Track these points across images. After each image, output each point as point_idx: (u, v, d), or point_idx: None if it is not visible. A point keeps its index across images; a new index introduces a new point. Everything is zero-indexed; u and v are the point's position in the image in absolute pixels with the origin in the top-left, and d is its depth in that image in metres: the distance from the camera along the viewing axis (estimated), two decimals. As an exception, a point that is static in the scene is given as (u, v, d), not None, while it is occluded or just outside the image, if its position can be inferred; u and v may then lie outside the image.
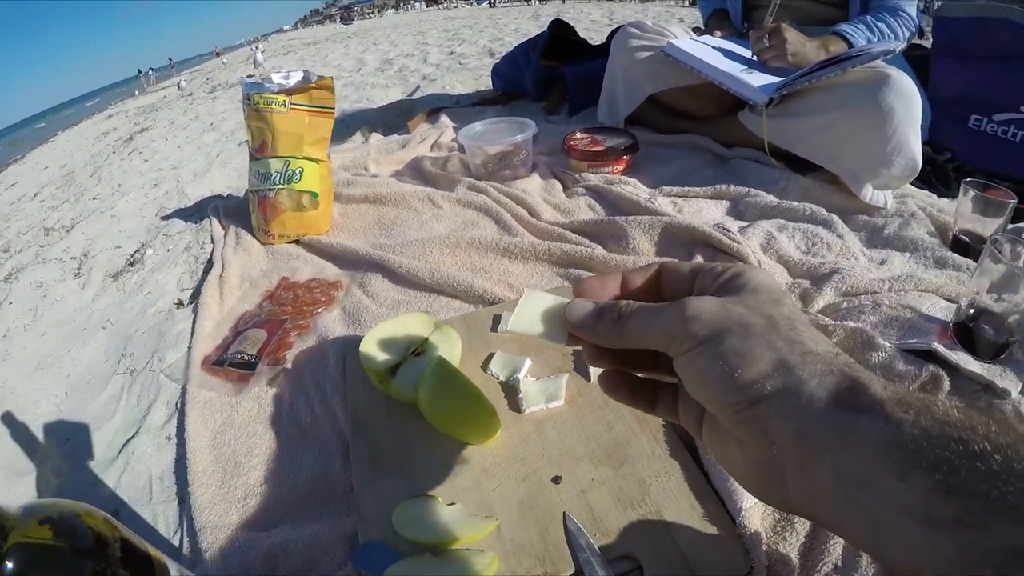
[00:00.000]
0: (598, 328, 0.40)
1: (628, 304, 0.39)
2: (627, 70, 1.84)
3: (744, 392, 0.32)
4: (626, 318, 0.38)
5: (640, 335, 0.38)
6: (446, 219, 1.53)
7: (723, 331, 0.34)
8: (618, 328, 0.39)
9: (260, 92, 1.49)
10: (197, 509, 0.85)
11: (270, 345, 1.11)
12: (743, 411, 0.33)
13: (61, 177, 3.65)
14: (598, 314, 0.40)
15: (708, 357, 0.34)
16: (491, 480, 0.78)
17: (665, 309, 0.37)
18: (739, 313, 0.35)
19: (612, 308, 0.40)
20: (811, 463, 0.30)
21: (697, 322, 0.34)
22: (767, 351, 0.33)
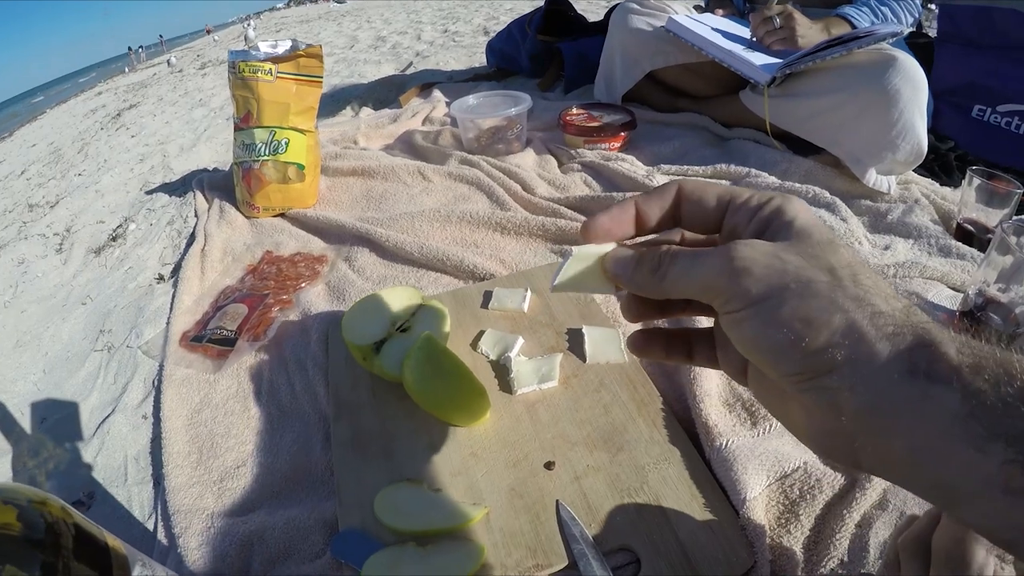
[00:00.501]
0: (637, 278, 0.36)
1: (666, 251, 0.34)
2: (626, 46, 1.80)
3: (810, 362, 0.29)
4: (665, 266, 0.34)
5: (681, 285, 0.33)
6: (437, 193, 1.50)
7: (781, 289, 0.29)
8: (658, 276, 0.34)
9: (246, 60, 1.45)
10: (171, 492, 0.82)
11: (250, 320, 1.08)
12: (808, 381, 0.29)
13: (49, 154, 3.61)
14: (636, 262, 0.36)
15: (764, 321, 0.30)
16: (480, 465, 0.74)
17: (708, 257, 0.32)
18: (797, 266, 0.30)
19: (651, 256, 0.35)
20: (883, 434, 0.28)
21: (748, 276, 0.30)
22: (835, 314, 0.29)
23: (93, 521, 0.73)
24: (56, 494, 0.87)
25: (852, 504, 0.66)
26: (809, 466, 0.70)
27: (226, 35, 10.32)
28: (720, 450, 0.71)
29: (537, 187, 1.44)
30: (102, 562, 0.45)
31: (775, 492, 0.69)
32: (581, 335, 0.91)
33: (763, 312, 0.30)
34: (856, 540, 0.64)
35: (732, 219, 0.35)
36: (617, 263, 0.37)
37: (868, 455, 0.29)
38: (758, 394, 0.36)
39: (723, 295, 0.31)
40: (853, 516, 0.65)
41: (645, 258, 0.35)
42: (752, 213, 0.34)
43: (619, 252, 0.37)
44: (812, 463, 0.70)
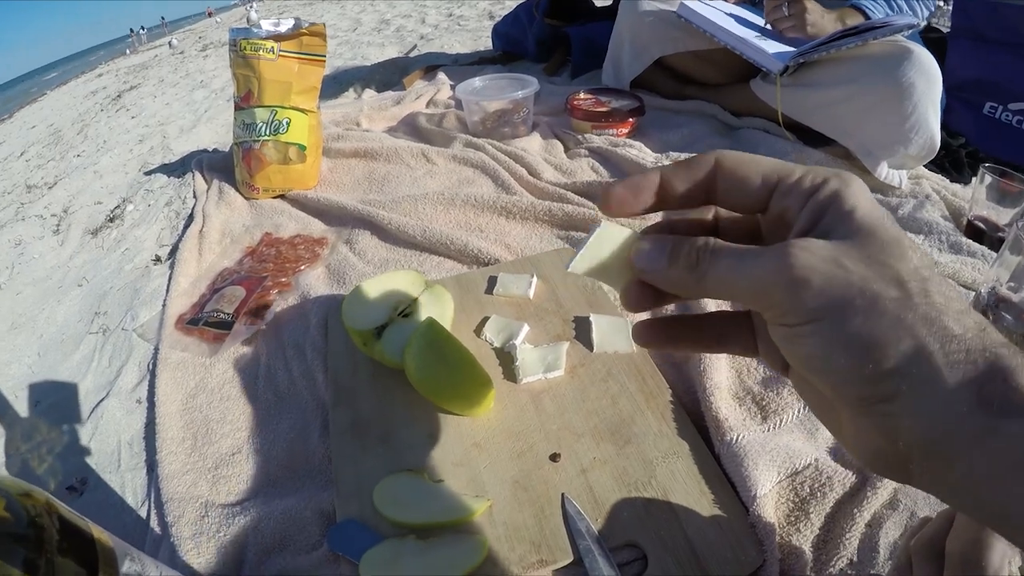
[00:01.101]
0: (671, 275, 0.31)
1: (705, 245, 0.30)
2: (635, 31, 1.77)
3: (871, 388, 0.26)
4: (706, 264, 0.30)
5: (725, 288, 0.30)
6: (440, 176, 1.47)
7: (844, 305, 0.26)
8: (696, 275, 0.30)
9: (247, 38, 1.42)
10: (165, 479, 0.80)
11: (248, 303, 1.06)
12: (867, 407, 0.27)
13: (48, 136, 3.58)
14: (671, 257, 0.31)
15: (824, 340, 0.27)
16: (483, 456, 0.73)
17: (760, 259, 0.28)
18: (861, 277, 0.27)
19: (688, 247, 0.31)
20: (943, 462, 0.26)
21: (807, 289, 0.27)
22: (903, 338, 0.26)
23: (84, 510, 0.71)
24: (49, 479, 0.87)
25: (863, 503, 0.64)
26: (820, 463, 0.68)
27: (228, 17, 10.27)
28: (730, 445, 0.69)
29: (543, 172, 1.42)
30: (87, 556, 0.44)
31: (785, 489, 0.67)
32: (588, 323, 0.89)
33: (823, 330, 0.27)
34: (866, 540, 0.62)
35: (781, 202, 0.31)
36: (646, 257, 0.32)
37: (923, 477, 0.27)
38: (804, 396, 0.33)
39: (777, 307, 0.28)
40: (864, 515, 0.63)
41: (680, 252, 0.31)
42: (805, 197, 0.30)
43: (648, 243, 0.33)
44: (823, 460, 0.69)
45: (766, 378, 0.81)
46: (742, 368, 0.83)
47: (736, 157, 0.33)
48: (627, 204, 0.34)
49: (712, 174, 0.33)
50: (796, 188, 0.30)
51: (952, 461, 0.25)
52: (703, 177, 0.33)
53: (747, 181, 0.32)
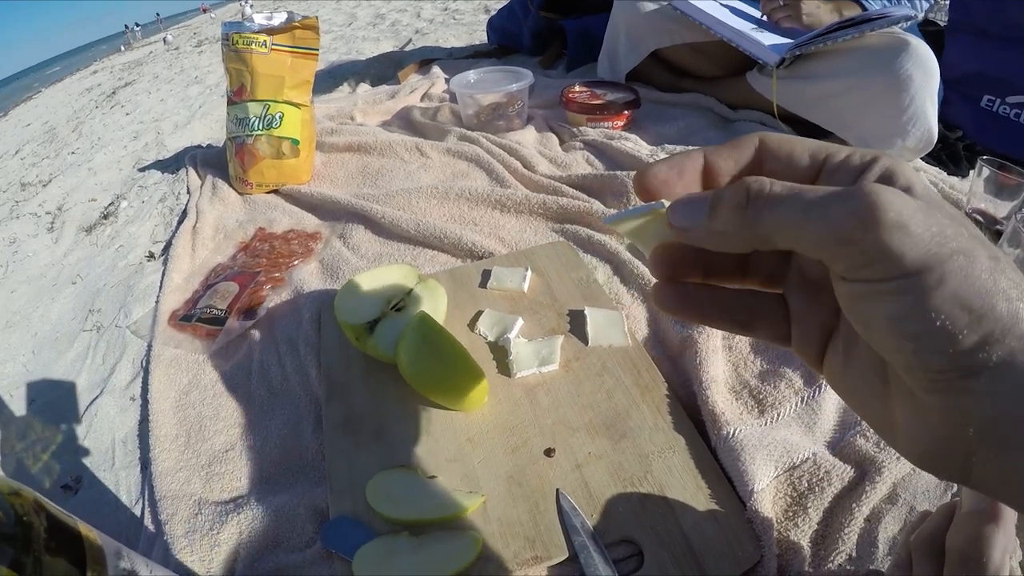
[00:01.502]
0: (717, 221, 0.28)
1: (763, 182, 0.26)
2: (631, 23, 1.76)
3: (960, 360, 0.23)
4: (763, 204, 0.26)
5: (787, 231, 0.25)
6: (434, 169, 1.46)
7: (944, 260, 0.23)
8: (749, 216, 0.26)
9: (240, 31, 1.41)
10: (158, 477, 0.80)
11: (241, 299, 1.05)
12: (948, 381, 0.23)
13: (43, 134, 3.57)
14: (715, 200, 0.28)
15: (917, 300, 0.23)
16: (477, 451, 0.72)
17: (838, 197, 0.24)
18: (955, 232, 0.23)
19: (736, 189, 0.27)
20: (1014, 451, 0.23)
21: (905, 234, 0.23)
22: (1000, 302, 0.23)
23: (79, 508, 0.71)
24: (44, 478, 0.87)
25: (861, 497, 0.64)
26: (818, 457, 0.68)
27: (223, 13, 10.25)
28: (727, 439, 0.69)
29: (538, 165, 1.41)
30: (76, 554, 0.43)
31: (783, 484, 0.67)
32: (583, 317, 0.88)
33: (918, 288, 0.23)
34: (865, 535, 0.62)
35: (830, 180, 0.28)
36: (683, 210, 0.29)
37: (986, 470, 0.24)
38: (842, 388, 0.30)
39: (860, 256, 0.24)
40: (862, 510, 0.63)
41: (724, 194, 0.27)
42: (856, 173, 0.27)
43: (686, 198, 0.29)
44: (821, 454, 0.68)
45: (763, 371, 0.80)
46: (739, 362, 0.82)
47: (779, 137, 0.31)
48: (669, 184, 0.31)
49: (757, 155, 0.31)
50: (845, 165, 0.28)
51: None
52: (748, 158, 0.31)
53: (794, 158, 0.30)
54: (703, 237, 0.29)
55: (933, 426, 0.25)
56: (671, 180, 0.31)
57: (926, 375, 0.24)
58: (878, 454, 0.67)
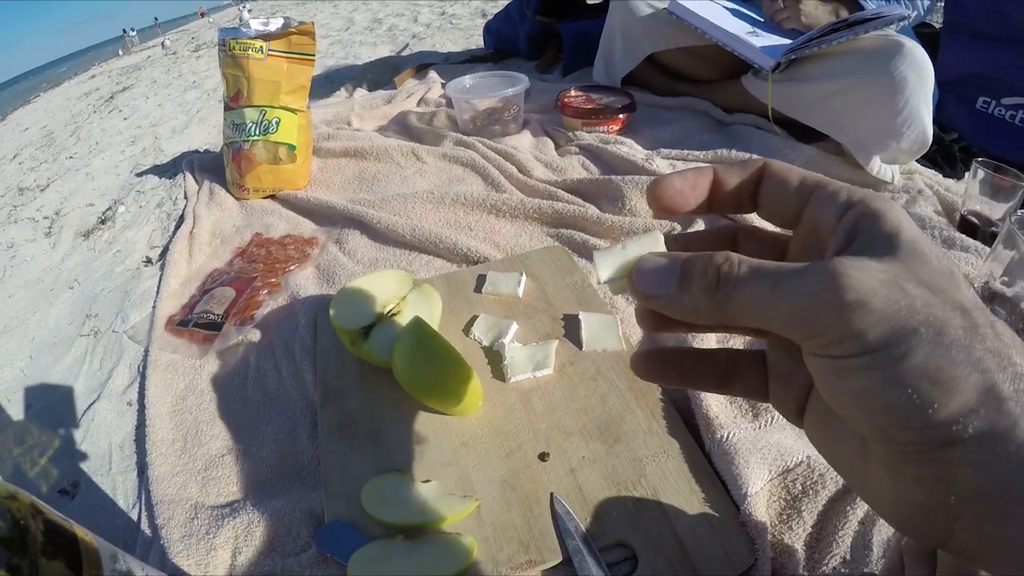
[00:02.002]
0: (684, 299, 0.27)
1: (731, 260, 0.26)
2: (626, 27, 1.76)
3: (934, 432, 0.23)
4: (731, 287, 0.26)
5: (756, 313, 0.25)
6: (430, 174, 1.47)
7: (908, 334, 0.22)
8: (718, 300, 0.26)
9: (236, 37, 1.42)
10: (155, 481, 0.80)
11: (238, 304, 1.05)
12: (924, 453, 0.23)
13: (41, 138, 3.57)
14: (683, 276, 0.27)
15: (883, 374, 0.23)
16: (471, 455, 0.72)
17: (803, 277, 0.24)
18: (925, 302, 0.23)
19: (703, 264, 0.27)
20: (998, 519, 0.23)
21: (866, 313, 0.23)
22: (972, 373, 0.22)
23: (76, 513, 0.71)
24: (41, 482, 0.87)
25: (856, 501, 0.64)
26: (812, 460, 0.68)
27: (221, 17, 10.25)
28: (721, 443, 0.69)
29: (534, 169, 1.41)
30: (72, 558, 0.44)
31: (777, 487, 0.67)
32: (577, 321, 0.88)
33: (882, 363, 0.23)
34: (859, 538, 0.62)
35: (816, 210, 0.29)
36: (649, 277, 0.29)
37: (969, 538, 0.24)
38: (822, 445, 0.30)
39: (825, 335, 0.24)
40: (856, 513, 0.63)
41: (694, 270, 0.27)
42: (842, 209, 0.27)
43: (651, 261, 0.29)
44: (815, 458, 0.68)
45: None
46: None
47: (781, 164, 0.31)
48: (684, 197, 0.32)
49: (758, 176, 0.31)
50: (833, 198, 0.28)
51: (1010, 516, 0.23)
52: (751, 177, 0.31)
53: (787, 184, 0.30)
54: (670, 309, 0.28)
55: (910, 493, 0.25)
56: (685, 192, 0.32)
57: (899, 447, 0.24)
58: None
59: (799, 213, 0.30)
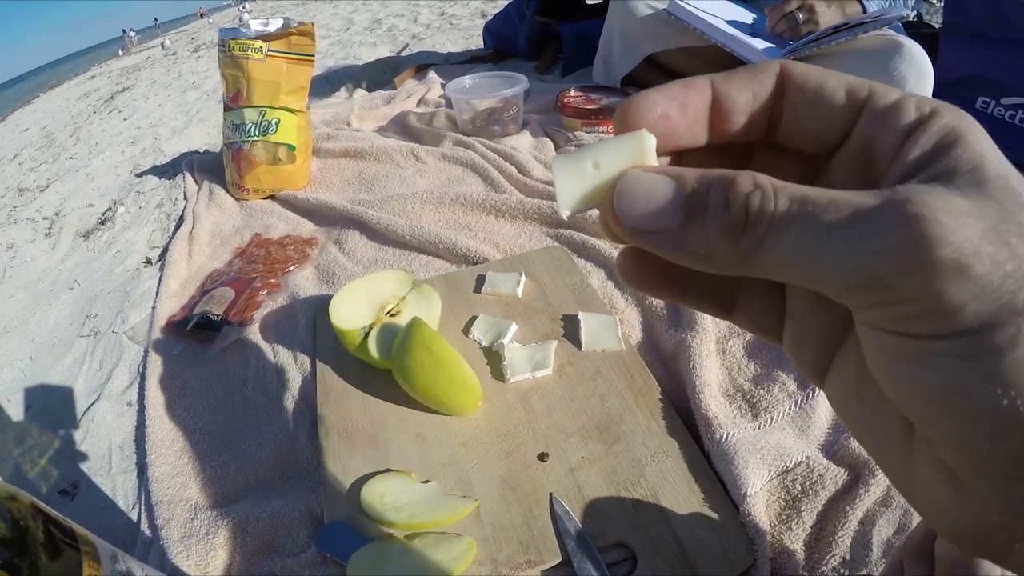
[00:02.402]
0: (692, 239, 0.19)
1: (765, 190, 0.18)
2: (626, 28, 1.77)
3: None
4: (763, 229, 0.18)
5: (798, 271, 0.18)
6: (430, 175, 1.47)
7: (1019, 312, 0.16)
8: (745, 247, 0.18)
9: (236, 38, 1.42)
10: (155, 481, 0.80)
11: (237, 305, 1.05)
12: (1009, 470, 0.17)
13: (41, 139, 3.57)
14: (691, 205, 0.19)
15: (980, 369, 0.16)
16: (470, 456, 0.72)
17: (869, 224, 0.17)
18: None
19: (726, 194, 0.19)
20: None
21: (964, 279, 0.16)
22: None
23: (76, 513, 0.71)
24: (41, 483, 0.87)
25: (855, 501, 0.64)
26: (812, 461, 0.68)
27: (221, 17, 10.25)
28: (720, 443, 0.69)
29: (533, 170, 1.41)
30: (72, 559, 0.44)
31: (776, 487, 0.67)
32: (577, 322, 0.88)
33: (982, 351, 0.16)
34: (858, 538, 0.62)
35: (871, 129, 0.20)
36: (640, 203, 0.20)
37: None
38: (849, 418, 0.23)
39: (903, 305, 0.17)
40: (856, 513, 0.63)
41: (709, 197, 0.19)
42: (908, 129, 0.19)
43: (645, 179, 0.20)
44: (815, 458, 0.68)
45: (756, 375, 0.80)
46: (732, 365, 0.82)
47: (808, 67, 0.22)
48: (669, 122, 0.22)
49: (778, 87, 0.22)
50: (895, 113, 0.20)
51: None
52: (768, 91, 0.23)
53: (826, 94, 0.22)
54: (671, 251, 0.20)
55: (976, 511, 0.19)
56: (671, 116, 0.22)
57: (983, 463, 0.17)
58: (871, 457, 0.67)
59: (845, 135, 0.22)
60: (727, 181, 0.19)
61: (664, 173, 0.20)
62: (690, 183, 0.19)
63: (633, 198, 0.20)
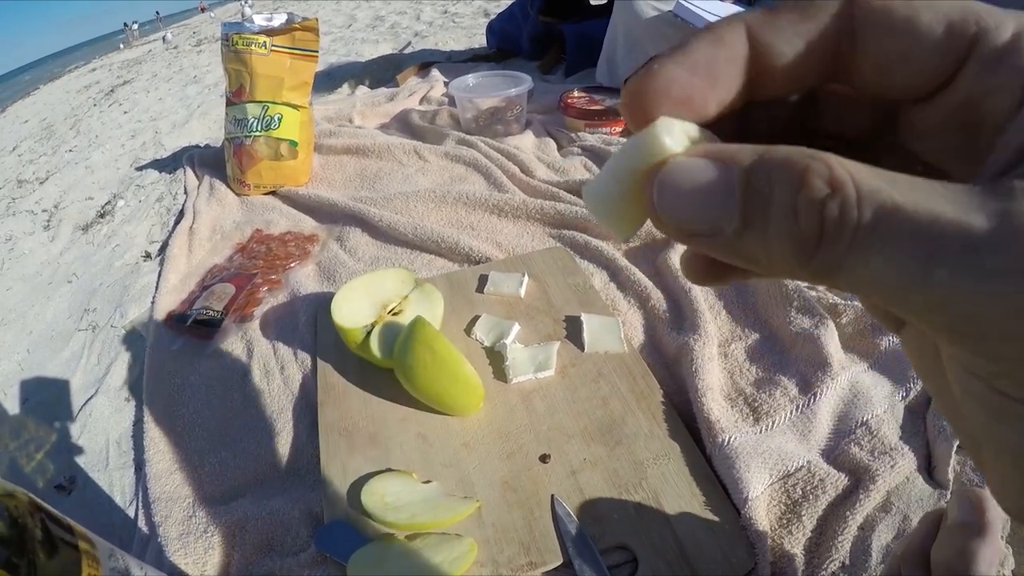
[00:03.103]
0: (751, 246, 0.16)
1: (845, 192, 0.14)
2: (629, 29, 1.76)
3: None
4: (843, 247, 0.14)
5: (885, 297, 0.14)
6: (432, 173, 1.46)
7: None
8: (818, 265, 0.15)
9: (239, 32, 1.41)
10: (152, 478, 0.80)
11: (238, 301, 1.05)
12: None
13: (41, 131, 3.56)
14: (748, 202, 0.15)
15: None
16: (472, 456, 0.72)
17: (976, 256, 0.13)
18: None
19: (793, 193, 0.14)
20: None
21: None
22: None
23: (73, 508, 0.71)
24: (38, 478, 0.87)
25: (855, 506, 0.63)
26: (812, 465, 0.68)
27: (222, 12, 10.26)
28: (722, 446, 0.69)
29: (536, 170, 1.40)
30: (71, 556, 0.43)
31: (777, 492, 0.66)
32: (579, 323, 0.88)
33: None
34: (858, 543, 0.62)
35: (978, 81, 0.16)
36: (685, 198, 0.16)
37: None
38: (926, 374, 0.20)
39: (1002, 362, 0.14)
40: (856, 518, 0.63)
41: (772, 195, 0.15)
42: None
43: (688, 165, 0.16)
44: (815, 462, 0.68)
45: (758, 379, 0.80)
46: (734, 369, 0.82)
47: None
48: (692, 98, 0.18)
49: (843, 27, 0.17)
50: (1012, 58, 0.15)
51: None
52: (828, 35, 0.17)
53: (919, 31, 0.16)
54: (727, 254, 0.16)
55: None
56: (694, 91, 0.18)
57: None
58: (872, 463, 0.67)
59: (944, 83, 0.17)
60: (795, 174, 0.14)
61: (709, 155, 0.16)
62: (744, 171, 0.15)
63: (674, 197, 0.16)
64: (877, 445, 0.69)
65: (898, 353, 0.79)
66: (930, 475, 0.67)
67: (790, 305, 0.86)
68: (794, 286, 0.88)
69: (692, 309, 0.88)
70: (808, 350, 0.80)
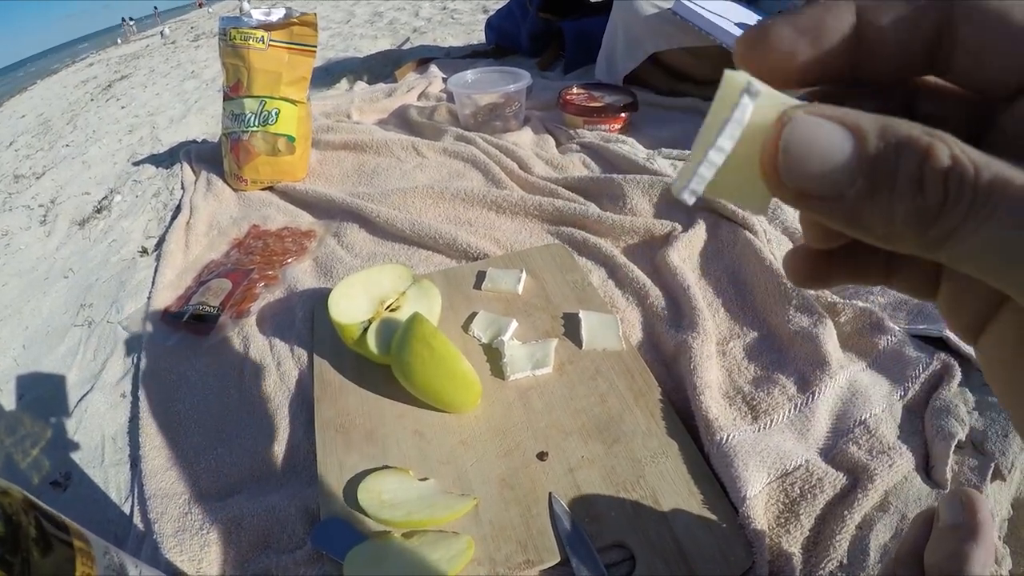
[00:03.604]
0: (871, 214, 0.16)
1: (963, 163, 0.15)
2: (629, 26, 1.76)
3: None
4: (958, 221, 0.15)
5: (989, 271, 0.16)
6: (430, 169, 1.45)
7: None
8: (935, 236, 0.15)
9: (237, 27, 1.41)
10: (148, 475, 0.79)
11: (234, 296, 1.04)
12: None
13: (38, 126, 3.56)
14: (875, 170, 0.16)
15: None
16: (469, 453, 0.72)
17: None
18: None
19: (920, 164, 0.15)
20: None
21: None
22: None
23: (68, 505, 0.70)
24: (33, 474, 0.86)
25: (853, 505, 0.63)
26: (811, 464, 0.67)
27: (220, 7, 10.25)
28: (720, 445, 0.69)
29: (534, 166, 1.40)
30: (65, 554, 0.43)
31: (775, 490, 0.66)
32: (577, 320, 0.88)
33: None
34: (856, 542, 0.62)
35: None
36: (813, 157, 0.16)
37: None
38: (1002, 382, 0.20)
39: None
40: (854, 517, 0.62)
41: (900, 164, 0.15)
42: None
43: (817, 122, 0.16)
44: (814, 461, 0.68)
45: (757, 377, 0.80)
46: (733, 367, 0.82)
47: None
48: (796, 60, 0.19)
49: (944, 14, 0.18)
50: None
51: None
52: (928, 17, 0.18)
53: (1010, 26, 0.17)
54: (837, 215, 0.17)
55: None
56: (798, 47, 0.19)
57: None
58: (870, 462, 0.66)
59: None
60: (921, 147, 0.15)
61: (833, 119, 0.16)
62: (872, 139, 0.15)
63: (806, 152, 0.16)
64: (875, 444, 0.68)
65: (897, 352, 0.79)
66: (928, 475, 0.67)
67: (789, 303, 0.86)
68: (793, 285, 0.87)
69: (691, 307, 0.88)
70: (807, 349, 0.80)
